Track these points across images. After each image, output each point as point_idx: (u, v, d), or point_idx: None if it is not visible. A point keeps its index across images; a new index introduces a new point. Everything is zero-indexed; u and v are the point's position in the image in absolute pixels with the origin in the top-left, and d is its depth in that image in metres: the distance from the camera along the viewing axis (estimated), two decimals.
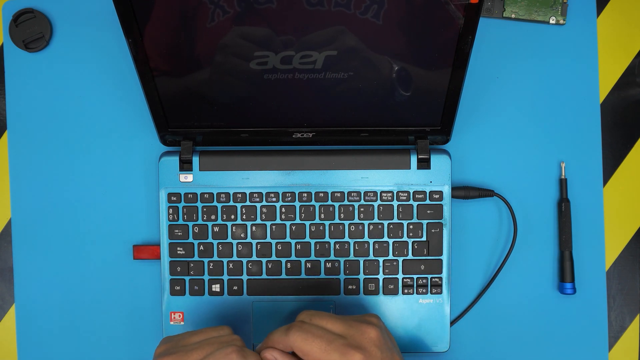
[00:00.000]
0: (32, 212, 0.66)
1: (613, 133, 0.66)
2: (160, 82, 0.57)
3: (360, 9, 0.52)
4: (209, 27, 0.53)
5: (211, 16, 0.52)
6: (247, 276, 0.63)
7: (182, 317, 0.64)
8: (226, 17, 0.52)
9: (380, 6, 0.51)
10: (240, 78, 0.57)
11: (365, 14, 0.52)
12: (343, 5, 0.51)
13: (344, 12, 0.52)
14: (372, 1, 0.51)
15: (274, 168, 0.63)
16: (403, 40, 0.54)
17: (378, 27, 0.53)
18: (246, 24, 0.53)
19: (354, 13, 0.52)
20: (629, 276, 0.66)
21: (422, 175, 0.63)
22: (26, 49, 0.65)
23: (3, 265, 0.67)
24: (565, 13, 0.65)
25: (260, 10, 0.52)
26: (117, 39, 0.65)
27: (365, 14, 0.52)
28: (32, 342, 0.66)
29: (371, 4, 0.51)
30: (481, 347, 0.65)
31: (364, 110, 0.60)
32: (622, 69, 0.66)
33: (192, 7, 0.52)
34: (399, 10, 0.52)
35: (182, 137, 0.63)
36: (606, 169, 0.66)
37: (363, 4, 0.51)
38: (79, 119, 0.66)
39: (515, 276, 0.65)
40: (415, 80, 0.57)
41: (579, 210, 0.65)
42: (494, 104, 0.66)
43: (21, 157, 0.66)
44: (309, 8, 0.51)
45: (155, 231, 0.65)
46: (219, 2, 0.51)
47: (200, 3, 0.52)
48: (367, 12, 0.52)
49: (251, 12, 0.52)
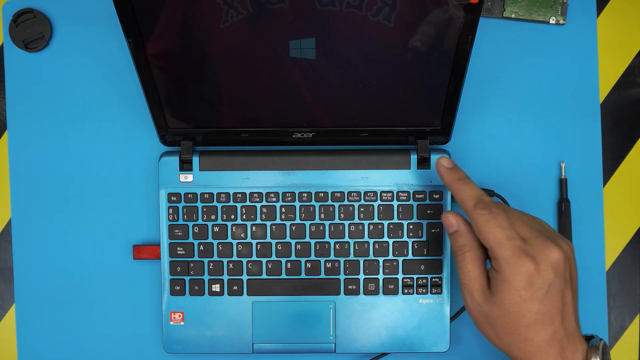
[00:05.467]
0: (32, 212, 0.66)
1: (613, 133, 0.66)
2: (160, 82, 0.57)
3: (371, 10, 0.52)
4: (209, 27, 0.53)
5: (212, 16, 0.52)
6: (247, 276, 0.63)
7: (182, 317, 0.64)
8: (228, 17, 0.52)
9: (380, 6, 0.51)
10: (240, 78, 0.57)
11: (367, 14, 0.52)
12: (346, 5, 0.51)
13: (344, 11, 0.52)
14: (373, 1, 0.51)
15: (274, 168, 0.63)
16: (403, 40, 0.54)
17: (378, 27, 0.53)
18: (246, 24, 0.53)
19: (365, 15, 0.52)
20: (629, 276, 0.66)
21: (422, 175, 0.63)
22: (26, 49, 0.65)
23: (3, 265, 0.67)
24: (565, 13, 0.65)
25: (260, 9, 0.52)
26: (117, 39, 0.65)
27: (367, 13, 0.52)
28: (32, 342, 0.66)
29: (371, 3, 0.51)
30: (481, 347, 0.65)
31: (364, 110, 0.60)
32: (622, 69, 0.66)
33: (193, 7, 0.52)
34: (399, 10, 0.52)
35: (182, 137, 0.63)
36: (606, 169, 0.66)
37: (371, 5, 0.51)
38: (78, 119, 0.66)
39: None
40: (415, 80, 0.57)
41: (579, 210, 0.65)
42: (494, 104, 0.66)
43: (21, 157, 0.66)
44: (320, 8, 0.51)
45: (155, 231, 0.65)
46: (224, 2, 0.51)
47: (202, 2, 0.52)
48: (368, 11, 0.52)
49: (254, 12, 0.52)
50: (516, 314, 0.50)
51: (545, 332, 0.49)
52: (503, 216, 0.51)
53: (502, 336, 0.51)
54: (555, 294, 0.50)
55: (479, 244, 0.53)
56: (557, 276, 0.50)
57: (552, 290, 0.49)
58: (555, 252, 0.50)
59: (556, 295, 0.50)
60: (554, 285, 0.49)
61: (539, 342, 0.50)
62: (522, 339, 0.50)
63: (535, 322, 0.49)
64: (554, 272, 0.49)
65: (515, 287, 0.49)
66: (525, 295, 0.49)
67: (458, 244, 0.53)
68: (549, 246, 0.50)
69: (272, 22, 0.53)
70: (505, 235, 0.50)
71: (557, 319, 0.50)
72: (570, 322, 0.51)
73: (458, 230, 0.54)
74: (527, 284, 0.49)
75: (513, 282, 0.49)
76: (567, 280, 0.50)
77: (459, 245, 0.53)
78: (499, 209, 0.51)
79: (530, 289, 0.49)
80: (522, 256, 0.49)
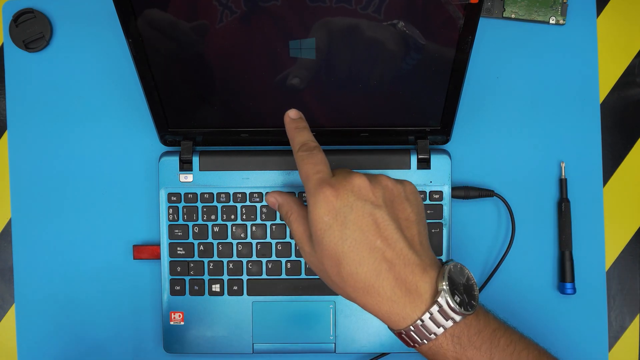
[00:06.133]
0: (32, 212, 0.66)
1: (613, 133, 0.66)
2: (160, 82, 0.57)
3: (363, 8, 0.52)
4: (209, 26, 0.53)
5: (212, 16, 0.52)
6: (247, 276, 0.63)
7: (182, 317, 0.64)
8: (227, 16, 0.52)
9: (381, 6, 0.51)
10: (240, 78, 0.57)
11: (367, 12, 0.52)
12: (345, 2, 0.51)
13: (345, 10, 0.52)
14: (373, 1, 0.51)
15: (274, 168, 0.63)
16: (403, 40, 0.54)
17: (378, 27, 0.53)
18: (246, 23, 0.53)
19: (355, 8, 0.52)
20: (629, 276, 0.66)
21: (422, 175, 0.63)
22: (26, 49, 0.65)
23: (3, 265, 0.67)
24: (565, 13, 0.65)
25: (261, 9, 0.52)
26: (117, 39, 0.65)
27: (367, 11, 0.52)
28: (32, 342, 0.66)
29: (373, 3, 0.51)
30: None
31: (364, 110, 0.60)
32: (622, 69, 0.66)
33: (193, 7, 0.52)
34: (399, 10, 0.52)
35: (182, 137, 0.63)
36: (606, 169, 0.66)
37: (365, 3, 0.51)
38: (78, 119, 0.66)
39: (516, 276, 0.65)
40: (415, 80, 0.57)
41: (579, 210, 0.65)
42: (494, 104, 0.66)
43: (21, 157, 0.66)
44: (311, 5, 0.51)
45: (155, 231, 0.65)
46: (220, 2, 0.51)
47: (201, 2, 0.52)
48: (368, 11, 0.52)
49: (252, 12, 0.52)
50: (329, 245, 0.47)
51: (367, 262, 0.47)
52: (320, 156, 0.50)
53: (334, 279, 0.48)
54: (363, 217, 0.47)
55: (299, 203, 0.52)
56: (359, 199, 0.47)
57: (357, 213, 0.47)
58: (356, 178, 0.48)
59: (364, 218, 0.47)
60: (358, 208, 0.47)
61: (366, 275, 0.47)
62: (348, 275, 0.47)
63: (350, 250, 0.47)
64: (355, 195, 0.47)
65: (319, 215, 0.47)
66: (328, 221, 0.47)
67: (282, 213, 0.53)
68: (351, 175, 0.49)
69: (269, 21, 0.53)
70: (314, 170, 0.49)
71: (377, 246, 0.47)
72: (402, 249, 0.47)
73: (279, 203, 0.53)
74: (327, 209, 0.47)
75: (316, 211, 0.48)
76: (381, 205, 0.48)
77: (283, 214, 0.53)
78: (320, 152, 0.51)
79: (331, 214, 0.47)
80: (322, 184, 0.48)
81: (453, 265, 0.48)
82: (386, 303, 0.47)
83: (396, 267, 0.47)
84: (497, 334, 0.48)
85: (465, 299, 0.48)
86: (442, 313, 0.46)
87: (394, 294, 0.47)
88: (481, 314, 0.49)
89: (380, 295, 0.47)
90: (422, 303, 0.47)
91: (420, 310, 0.47)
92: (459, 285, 0.48)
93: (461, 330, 0.47)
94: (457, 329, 0.47)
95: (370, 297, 0.47)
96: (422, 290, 0.47)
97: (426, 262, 0.48)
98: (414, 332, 0.47)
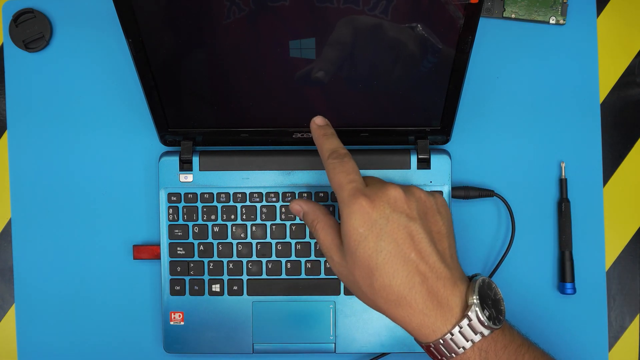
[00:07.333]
0: (32, 212, 0.66)
1: (613, 133, 0.66)
2: (160, 82, 0.57)
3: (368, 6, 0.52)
4: (208, 27, 0.53)
5: (211, 16, 0.52)
6: (247, 276, 0.63)
7: (182, 317, 0.64)
8: (228, 16, 0.52)
9: (388, 7, 0.51)
10: (240, 78, 0.57)
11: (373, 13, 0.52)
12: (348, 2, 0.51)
13: (345, 9, 0.52)
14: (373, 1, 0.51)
15: (274, 168, 0.63)
16: (403, 40, 0.54)
17: (378, 27, 0.53)
18: (248, 23, 0.53)
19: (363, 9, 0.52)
20: (629, 276, 0.66)
21: (422, 175, 0.63)
22: (26, 49, 0.65)
23: (3, 265, 0.67)
24: (565, 13, 0.65)
25: (263, 9, 0.52)
26: (117, 39, 0.65)
27: (374, 12, 0.52)
28: (32, 342, 0.66)
29: (380, 4, 0.51)
30: None
31: (364, 110, 0.60)
32: (622, 69, 0.66)
33: (193, 7, 0.52)
34: (399, 10, 0.52)
35: (182, 137, 0.63)
36: (606, 169, 0.66)
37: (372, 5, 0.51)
38: (78, 119, 0.66)
39: (516, 276, 0.65)
40: (415, 80, 0.57)
41: (579, 210, 0.65)
42: (494, 104, 0.66)
43: (21, 157, 0.66)
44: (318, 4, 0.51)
45: (155, 231, 0.65)
46: (222, 1, 0.51)
47: (201, 2, 0.52)
48: (369, 10, 0.52)
49: (253, 11, 0.52)
50: (363, 257, 0.47)
51: (401, 274, 0.47)
52: (351, 164, 0.50)
53: (365, 290, 0.48)
54: (398, 230, 0.47)
55: (325, 212, 0.52)
56: (395, 211, 0.48)
57: (393, 226, 0.47)
58: (391, 190, 0.48)
59: (399, 231, 0.47)
60: (394, 220, 0.47)
61: (399, 287, 0.47)
62: (381, 287, 0.47)
63: (385, 262, 0.47)
64: (391, 207, 0.48)
65: (353, 226, 0.47)
66: (364, 233, 0.47)
67: (308, 221, 0.53)
68: (386, 186, 0.49)
69: (272, 21, 0.53)
70: (347, 179, 0.49)
71: (411, 258, 0.47)
72: (435, 263, 0.47)
73: (304, 211, 0.53)
74: (363, 220, 0.47)
75: (351, 222, 0.48)
76: (415, 217, 0.48)
77: (309, 222, 0.53)
78: (351, 159, 0.51)
79: (366, 225, 0.47)
80: (357, 195, 0.48)
81: (482, 280, 0.49)
82: (417, 316, 0.47)
83: (429, 281, 0.47)
84: (522, 349, 0.49)
85: (494, 313, 0.48)
86: (471, 327, 0.47)
87: (426, 307, 0.47)
88: (507, 329, 0.49)
89: (412, 308, 0.47)
90: (452, 317, 0.47)
91: (451, 323, 0.47)
92: (488, 299, 0.48)
93: (489, 344, 0.48)
94: (485, 343, 0.47)
95: (402, 310, 0.47)
96: (452, 304, 0.47)
97: (456, 275, 0.48)
98: (442, 345, 0.47)
